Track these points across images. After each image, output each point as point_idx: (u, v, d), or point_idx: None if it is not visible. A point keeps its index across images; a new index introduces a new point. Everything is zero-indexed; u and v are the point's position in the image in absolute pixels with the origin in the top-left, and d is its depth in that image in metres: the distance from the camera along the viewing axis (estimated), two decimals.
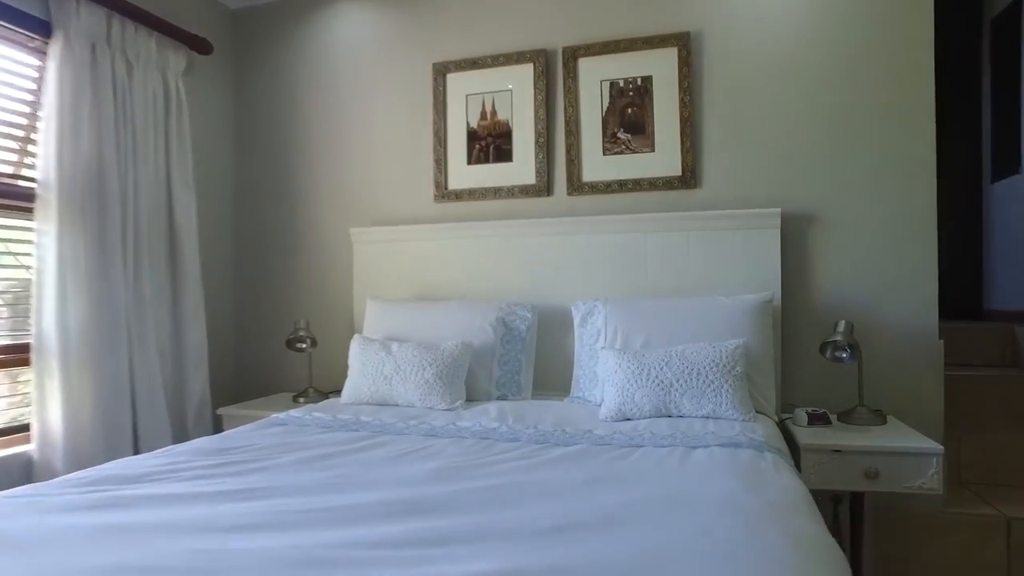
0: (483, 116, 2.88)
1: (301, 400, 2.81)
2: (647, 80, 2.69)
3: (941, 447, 2.02)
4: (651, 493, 1.39)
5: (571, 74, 2.76)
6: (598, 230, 2.67)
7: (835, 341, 2.31)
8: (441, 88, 2.92)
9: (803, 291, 2.54)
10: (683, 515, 1.25)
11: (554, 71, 2.81)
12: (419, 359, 2.38)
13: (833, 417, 2.34)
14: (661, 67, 2.67)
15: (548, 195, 2.81)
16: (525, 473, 1.58)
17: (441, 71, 2.92)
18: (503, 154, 2.86)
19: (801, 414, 2.28)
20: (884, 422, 2.29)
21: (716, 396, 2.09)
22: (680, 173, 2.66)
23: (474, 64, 2.87)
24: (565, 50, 2.77)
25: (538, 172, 2.81)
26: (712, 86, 2.64)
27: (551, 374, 2.65)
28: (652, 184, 2.68)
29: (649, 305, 2.44)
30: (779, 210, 2.49)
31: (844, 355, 2.31)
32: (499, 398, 2.49)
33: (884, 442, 2.07)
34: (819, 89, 2.54)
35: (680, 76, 2.65)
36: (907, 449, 2.04)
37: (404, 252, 2.91)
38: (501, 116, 2.86)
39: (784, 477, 1.56)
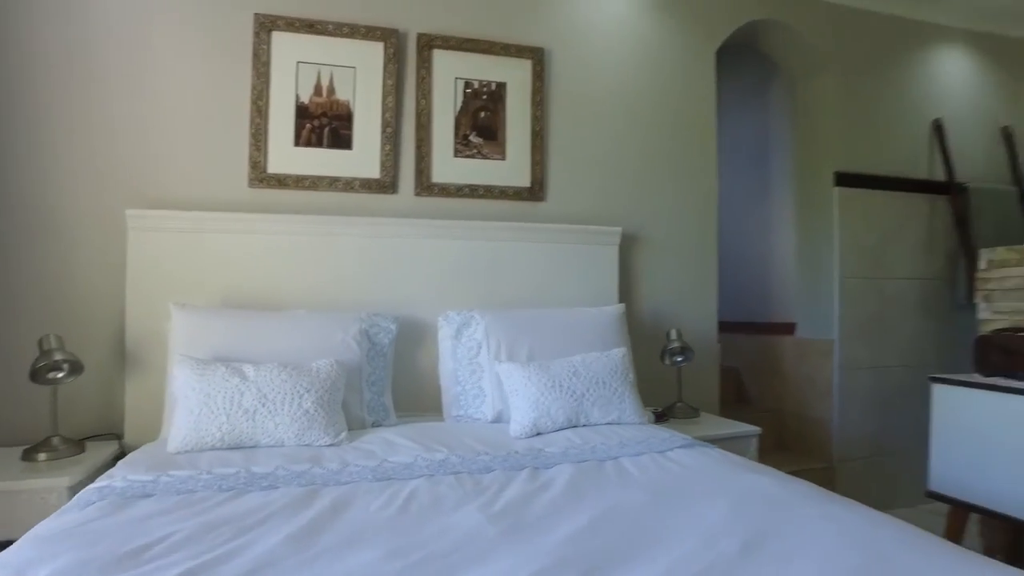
0: (318, 91, 2.42)
1: (41, 456, 1.90)
2: (502, 87, 2.65)
3: (759, 428, 2.50)
4: (738, 504, 1.40)
5: (425, 64, 2.54)
6: (451, 235, 2.49)
7: (673, 347, 2.64)
8: (264, 47, 2.35)
9: (629, 302, 2.81)
10: (787, 514, 1.30)
11: (406, 57, 2.53)
12: (293, 385, 1.86)
13: None
14: (516, 76, 2.66)
15: (393, 192, 2.51)
16: (578, 510, 1.40)
17: (266, 26, 2.35)
18: (341, 139, 2.45)
19: (649, 413, 2.53)
20: (698, 415, 2.69)
21: (620, 403, 2.17)
22: (529, 185, 2.68)
23: (311, 27, 2.40)
24: (420, 37, 2.53)
25: (383, 166, 2.49)
26: (560, 105, 2.74)
27: (407, 392, 2.36)
28: (503, 193, 2.64)
29: (526, 316, 2.39)
30: (620, 229, 2.72)
31: (680, 359, 2.65)
32: (374, 425, 2.11)
33: (718, 430, 2.44)
34: (641, 126, 2.87)
35: (534, 89, 2.68)
36: (736, 434, 2.45)
37: (204, 247, 2.23)
38: (341, 95, 2.45)
39: (751, 463, 1.75)
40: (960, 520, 2.27)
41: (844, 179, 3.24)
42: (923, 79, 3.47)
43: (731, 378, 3.73)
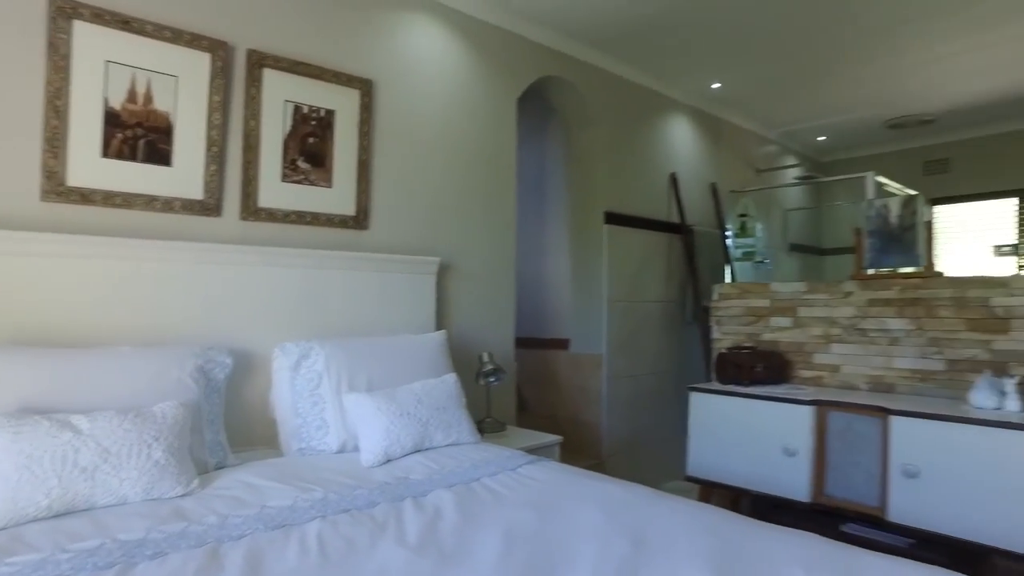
0: (132, 98, 2.16)
1: None
2: (331, 114, 2.64)
3: (560, 437, 2.88)
4: (629, 519, 1.68)
5: (256, 83, 2.42)
6: (280, 263, 2.43)
7: (487, 369, 2.89)
8: (64, 37, 2.03)
9: (444, 328, 3.00)
10: (646, 512, 1.63)
11: (233, 72, 2.39)
12: (139, 434, 1.68)
13: None
14: (345, 105, 2.68)
15: (218, 215, 2.35)
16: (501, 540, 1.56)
17: (65, 12, 2.03)
18: (159, 154, 2.22)
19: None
20: (505, 428, 2.99)
21: (458, 425, 2.36)
22: (354, 213, 2.71)
23: (125, 24, 2.13)
24: (251, 53, 2.41)
25: (208, 187, 2.32)
26: (385, 136, 2.82)
27: (235, 427, 2.24)
28: (329, 220, 2.63)
29: (362, 346, 2.44)
30: (438, 259, 2.90)
31: (493, 379, 2.91)
32: (217, 467, 1.98)
33: (528, 441, 2.77)
34: (456, 162, 3.08)
35: (361, 119, 2.72)
36: (543, 444, 2.81)
37: None
38: (160, 106, 2.22)
39: (586, 472, 2.08)
40: (707, 496, 2.92)
41: (611, 218, 3.85)
42: (665, 139, 4.28)
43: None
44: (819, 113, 4.84)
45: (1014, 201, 5.09)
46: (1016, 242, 5.07)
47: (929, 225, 2.69)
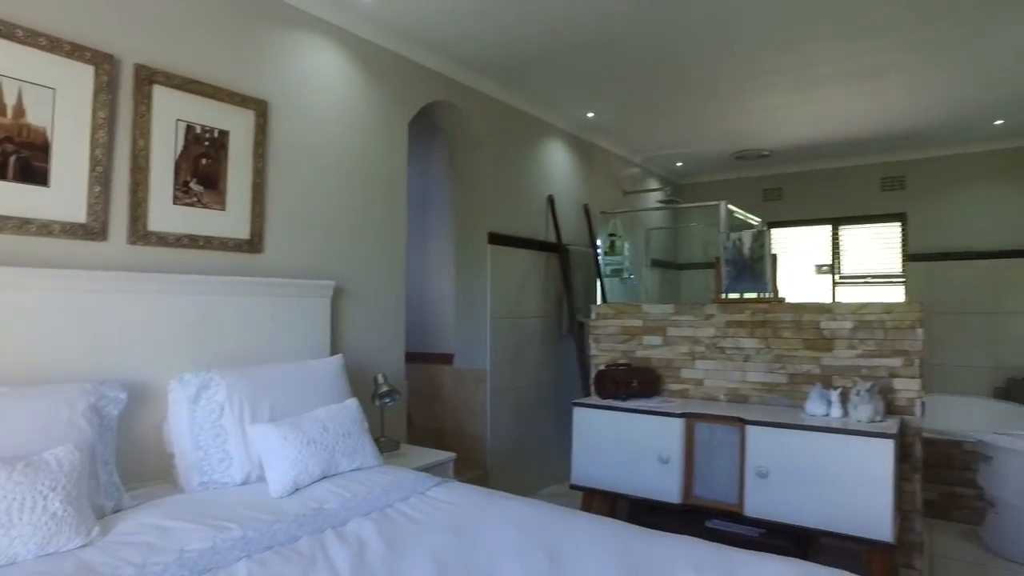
0: (1, 110, 2.00)
1: None
2: (225, 135, 2.57)
3: (454, 454, 3.00)
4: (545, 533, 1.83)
5: (145, 100, 2.31)
6: (172, 290, 2.34)
7: (383, 391, 2.94)
8: None
9: (339, 351, 3.01)
10: (555, 528, 1.81)
11: (120, 88, 2.26)
12: (32, 485, 1.59)
13: None
14: (240, 126, 2.62)
15: (103, 240, 2.22)
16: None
17: None
18: (34, 173, 2.06)
19: None
20: (399, 447, 3.07)
21: (363, 450, 2.41)
22: (248, 237, 2.66)
23: None
24: (140, 69, 2.29)
25: (92, 209, 2.18)
26: (280, 158, 2.79)
27: (126, 464, 2.13)
28: (223, 244, 2.56)
29: (263, 374, 2.41)
30: (333, 283, 2.91)
31: (389, 400, 2.97)
32: (114, 510, 1.89)
33: (425, 459, 2.87)
34: (351, 184, 3.10)
35: (256, 141, 2.67)
36: (439, 461, 2.92)
37: None
38: (35, 120, 2.06)
39: (490, 491, 2.22)
40: (589, 501, 3.17)
41: (495, 238, 4.02)
42: (544, 163, 4.54)
43: None
44: (677, 143, 5.34)
45: (828, 228, 5.94)
46: (831, 262, 5.92)
47: (775, 258, 3.13)
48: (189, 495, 2.06)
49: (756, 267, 3.12)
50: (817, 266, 5.96)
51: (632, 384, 3.14)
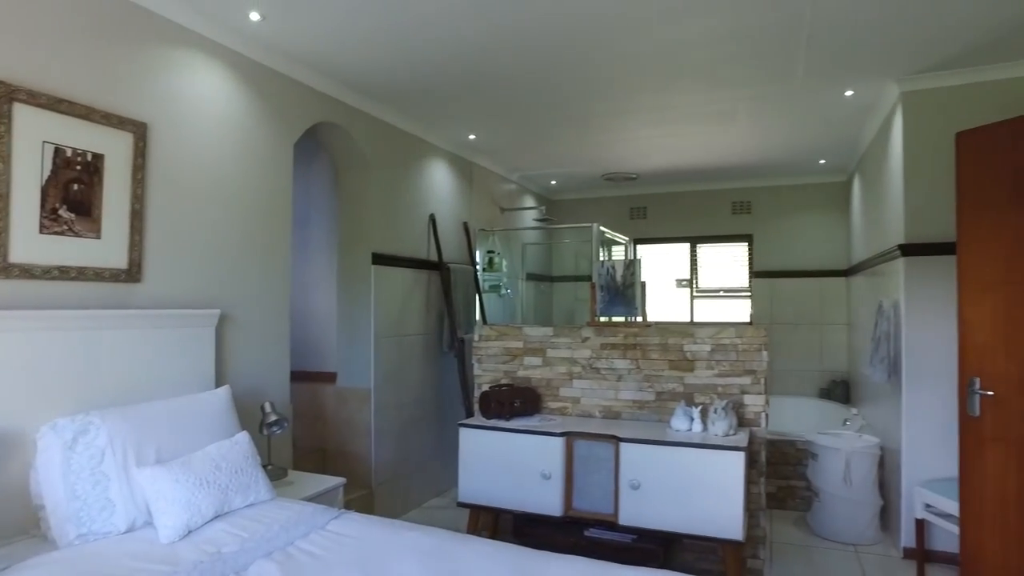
0: None
1: None
2: (99, 158, 2.43)
3: (344, 479, 3.03)
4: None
5: (4, 119, 2.14)
6: (42, 326, 2.20)
7: (271, 420, 2.91)
8: None
9: (225, 382, 2.93)
10: (454, 555, 1.93)
11: None
12: None
13: None
14: (116, 149, 2.48)
15: None
16: None
17: None
18: None
19: None
20: (287, 473, 3.04)
21: (256, 485, 2.39)
22: (126, 266, 2.53)
23: None
24: None
25: None
26: (161, 183, 2.67)
27: None
28: (98, 275, 2.43)
29: (146, 412, 2.32)
30: (218, 311, 2.83)
31: (277, 429, 2.93)
32: None
33: (316, 487, 2.88)
34: (236, 209, 3.03)
35: (135, 165, 2.55)
36: (330, 488, 2.94)
37: None
38: None
39: (387, 520, 2.30)
40: (476, 517, 3.32)
41: (379, 258, 4.05)
42: (427, 182, 4.62)
43: None
44: (553, 164, 5.63)
45: (687, 245, 6.52)
46: (689, 277, 6.50)
47: (644, 285, 3.45)
48: (66, 551, 1.95)
49: (628, 293, 3.42)
50: (678, 280, 6.52)
51: (515, 404, 3.32)
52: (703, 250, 6.51)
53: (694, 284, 6.48)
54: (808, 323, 6.02)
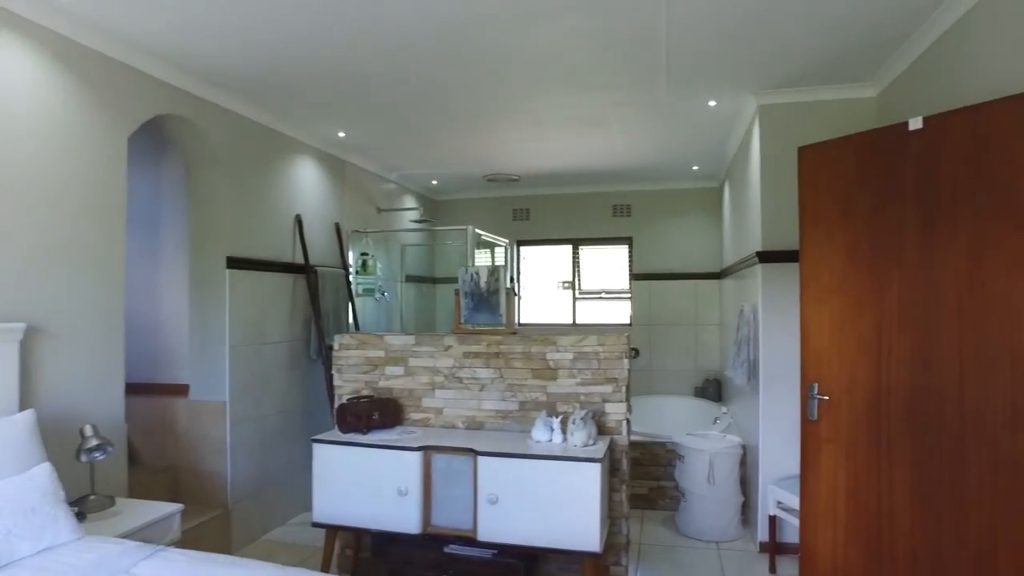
0: None
1: None
2: None
3: (182, 505, 2.77)
4: None
5: None
6: None
7: (92, 445, 2.60)
8: None
9: (34, 405, 2.60)
10: None
11: None
12: None
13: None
14: None
15: None
16: None
17: None
18: None
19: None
20: (115, 502, 2.74)
21: (54, 526, 2.11)
22: None
23: None
24: None
25: None
26: None
27: None
28: None
29: None
30: (23, 325, 2.50)
31: (99, 455, 2.63)
32: None
33: (146, 516, 2.60)
34: (53, 209, 2.68)
35: None
36: (164, 515, 2.67)
37: None
38: None
39: (212, 556, 2.09)
40: (333, 538, 3.13)
41: (234, 262, 3.77)
42: (291, 182, 4.35)
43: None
44: (433, 164, 5.49)
45: (570, 247, 6.57)
46: (571, 279, 6.55)
47: (510, 291, 3.38)
48: None
49: (492, 299, 3.34)
50: (560, 282, 6.55)
51: (373, 417, 3.17)
52: (585, 252, 6.57)
53: (576, 286, 6.54)
54: (684, 324, 6.21)
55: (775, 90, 3.61)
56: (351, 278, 4.97)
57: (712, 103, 3.87)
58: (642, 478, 4.44)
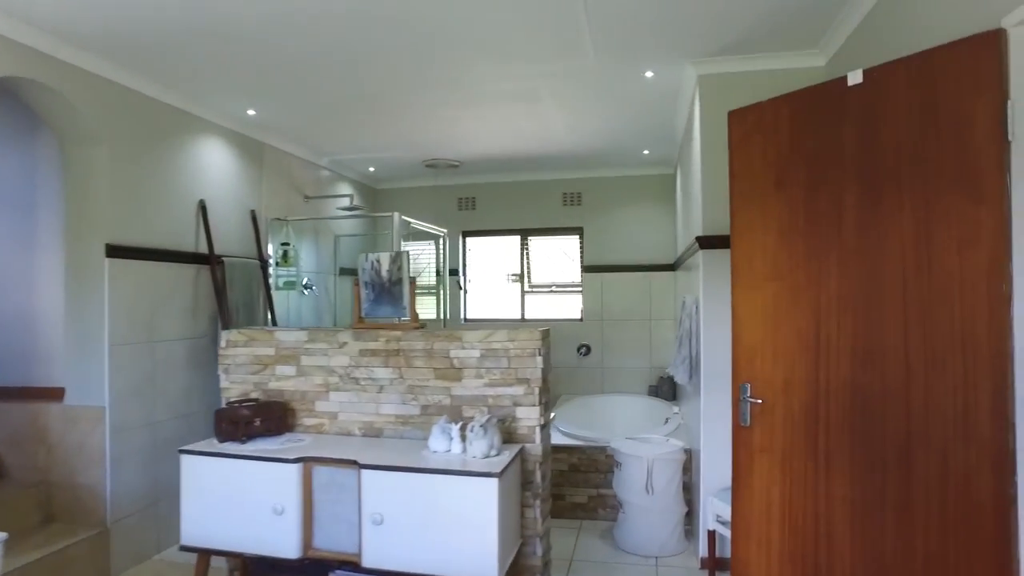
0: None
1: None
2: None
3: (6, 534, 2.36)
4: None
5: None
6: None
7: None
8: None
9: None
10: None
11: None
12: None
13: None
14: None
15: None
16: None
17: None
18: None
19: None
20: None
21: None
22: None
23: None
24: None
25: None
26: None
27: None
28: None
29: None
30: None
31: None
32: None
33: None
34: None
35: None
36: None
37: None
38: None
39: None
40: (204, 563, 2.72)
41: (116, 251, 3.33)
42: (194, 163, 3.92)
43: None
44: (363, 148, 5.08)
45: (518, 238, 6.19)
46: (520, 272, 6.18)
47: (414, 280, 2.99)
48: None
49: (395, 290, 2.95)
50: (509, 275, 6.17)
51: (254, 424, 2.77)
52: (535, 243, 6.20)
53: (526, 279, 6.17)
54: (638, 319, 5.87)
55: (715, 58, 3.26)
56: (271, 270, 4.55)
57: (649, 74, 3.50)
58: (581, 485, 4.08)
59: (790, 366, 2.26)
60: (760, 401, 2.34)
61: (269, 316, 4.44)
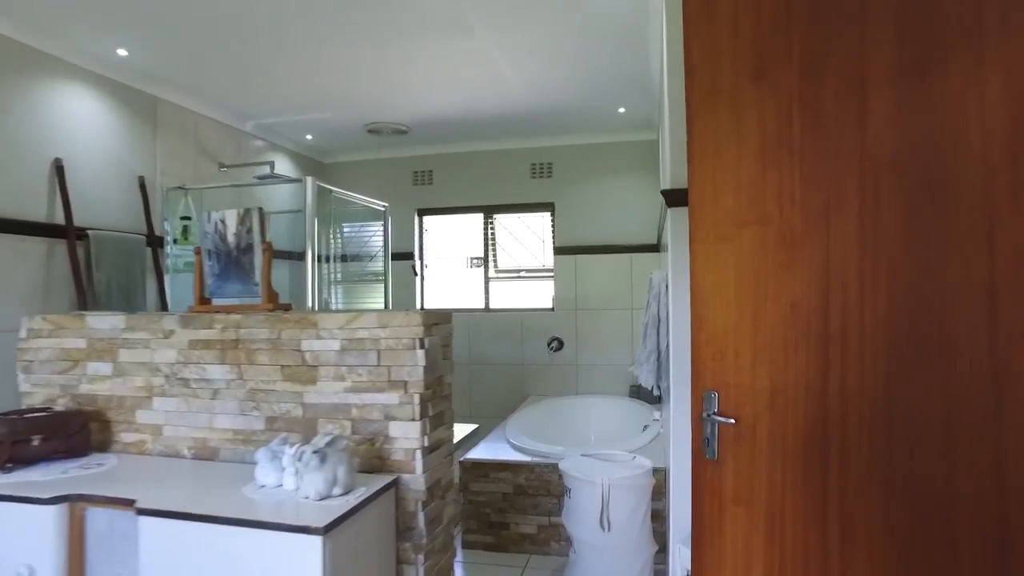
0: None
1: None
2: None
3: None
4: None
5: None
6: None
7: None
8: None
9: None
10: None
11: None
12: None
13: None
14: None
15: None
16: None
17: None
18: None
19: None
20: None
21: None
22: None
23: None
24: None
25: None
26: None
27: None
28: None
29: None
30: None
31: None
32: None
33: None
34: None
35: None
36: None
37: None
38: None
39: None
40: None
41: None
42: (44, 114, 3.15)
43: None
44: (290, 109, 4.31)
45: (481, 216, 5.37)
46: (483, 254, 5.37)
47: (270, 246, 2.21)
48: None
49: (245, 261, 2.16)
50: (470, 258, 5.37)
51: (31, 443, 1.99)
52: (500, 221, 5.38)
53: (490, 263, 5.35)
54: (618, 308, 5.03)
55: None
56: (167, 248, 3.79)
57: None
58: (529, 512, 3.28)
59: (780, 365, 1.44)
60: (733, 421, 1.51)
61: (160, 302, 3.67)
